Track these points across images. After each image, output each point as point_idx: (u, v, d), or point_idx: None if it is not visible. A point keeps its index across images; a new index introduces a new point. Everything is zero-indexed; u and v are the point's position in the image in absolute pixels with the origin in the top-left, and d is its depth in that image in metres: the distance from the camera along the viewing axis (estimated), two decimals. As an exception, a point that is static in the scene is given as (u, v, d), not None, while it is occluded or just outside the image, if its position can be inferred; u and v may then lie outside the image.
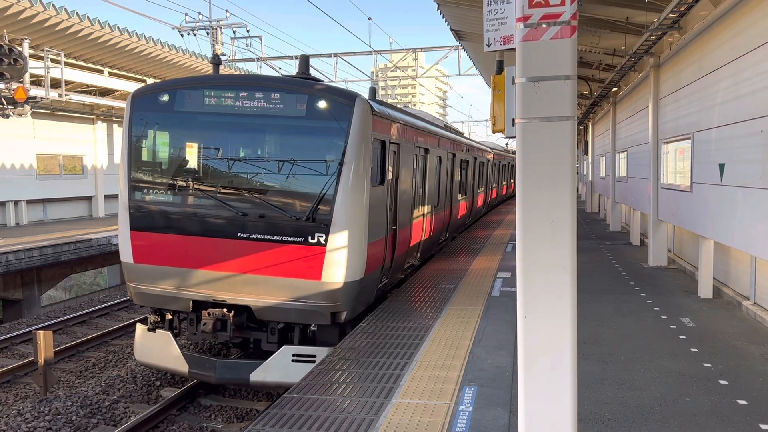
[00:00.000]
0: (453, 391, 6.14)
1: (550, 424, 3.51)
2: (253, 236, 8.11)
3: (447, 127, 18.42)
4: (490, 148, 29.07)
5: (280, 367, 8.06)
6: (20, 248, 15.21)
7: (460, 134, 21.27)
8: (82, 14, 18.91)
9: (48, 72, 18.38)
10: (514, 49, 3.62)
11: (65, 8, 18.04)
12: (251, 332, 8.51)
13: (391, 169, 9.75)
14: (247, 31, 26.77)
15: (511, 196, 41.19)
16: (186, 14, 24.74)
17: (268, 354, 8.23)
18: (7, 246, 15.44)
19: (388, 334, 8.17)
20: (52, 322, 14.04)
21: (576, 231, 3.52)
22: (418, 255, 12.70)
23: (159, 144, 8.76)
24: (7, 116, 17.33)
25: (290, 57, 28.18)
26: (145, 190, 8.63)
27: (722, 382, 6.66)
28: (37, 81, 18.95)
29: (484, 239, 18.81)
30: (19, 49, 16.40)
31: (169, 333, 8.71)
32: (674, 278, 12.81)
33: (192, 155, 8.61)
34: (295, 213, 8.02)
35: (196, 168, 8.56)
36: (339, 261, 7.96)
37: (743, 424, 5.58)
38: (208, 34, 25.36)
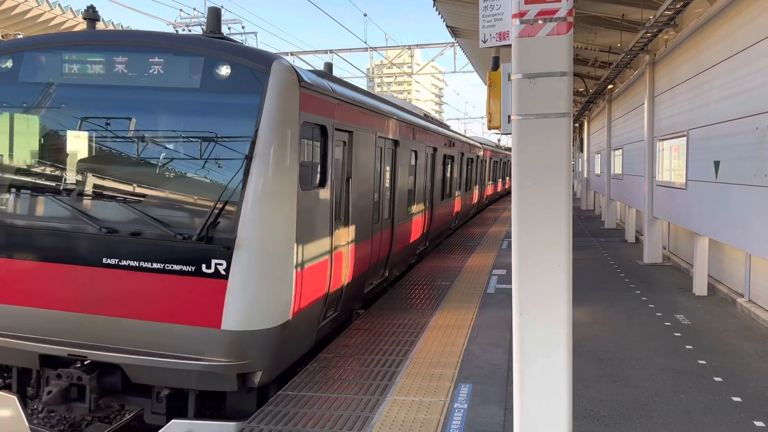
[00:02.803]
0: (448, 389, 6.14)
1: (545, 421, 3.51)
2: (123, 263, 5.74)
3: (427, 117, 16.02)
4: (480, 143, 26.94)
5: None
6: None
7: (445, 126, 18.95)
8: (76, 10, 18.83)
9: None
10: (509, 46, 3.61)
11: (59, 4, 17.97)
12: (128, 398, 6.17)
13: (340, 164, 7.65)
14: (243, 28, 26.82)
15: (504, 195, 41.13)
16: (181, 10, 24.74)
17: (153, 429, 5.98)
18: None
19: (383, 331, 8.16)
20: (46, 319, 13.97)
21: (571, 228, 3.51)
22: (386, 272, 10.55)
23: None
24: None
25: (286, 53, 28.15)
26: None
27: (717, 379, 6.68)
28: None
29: (479, 236, 18.83)
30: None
31: (15, 397, 6.15)
32: (669, 275, 12.84)
33: (40, 145, 6.29)
34: (183, 230, 5.61)
35: (46, 163, 6.23)
36: (248, 299, 5.59)
37: (738, 421, 5.59)
38: (203, 30, 25.37)
